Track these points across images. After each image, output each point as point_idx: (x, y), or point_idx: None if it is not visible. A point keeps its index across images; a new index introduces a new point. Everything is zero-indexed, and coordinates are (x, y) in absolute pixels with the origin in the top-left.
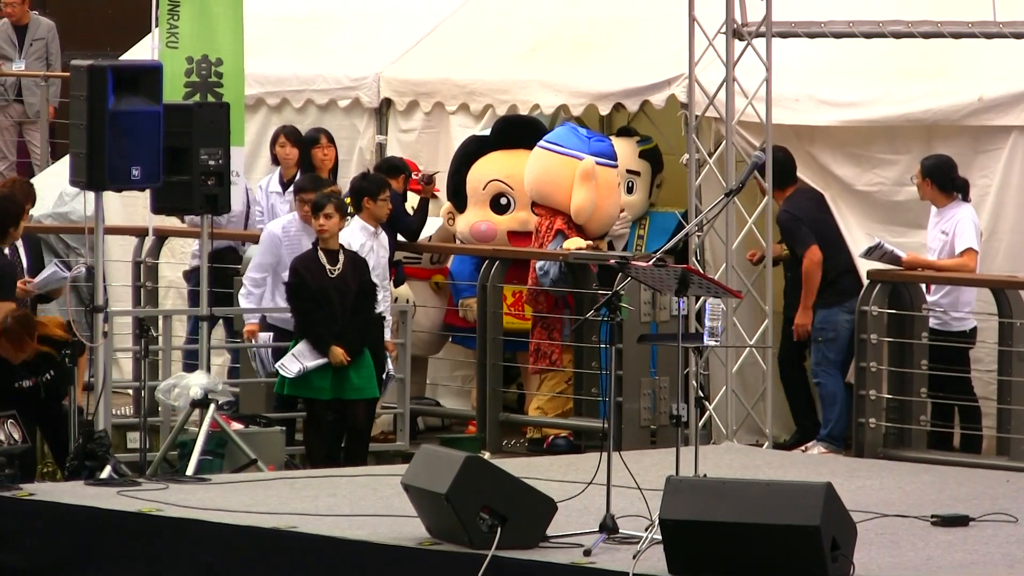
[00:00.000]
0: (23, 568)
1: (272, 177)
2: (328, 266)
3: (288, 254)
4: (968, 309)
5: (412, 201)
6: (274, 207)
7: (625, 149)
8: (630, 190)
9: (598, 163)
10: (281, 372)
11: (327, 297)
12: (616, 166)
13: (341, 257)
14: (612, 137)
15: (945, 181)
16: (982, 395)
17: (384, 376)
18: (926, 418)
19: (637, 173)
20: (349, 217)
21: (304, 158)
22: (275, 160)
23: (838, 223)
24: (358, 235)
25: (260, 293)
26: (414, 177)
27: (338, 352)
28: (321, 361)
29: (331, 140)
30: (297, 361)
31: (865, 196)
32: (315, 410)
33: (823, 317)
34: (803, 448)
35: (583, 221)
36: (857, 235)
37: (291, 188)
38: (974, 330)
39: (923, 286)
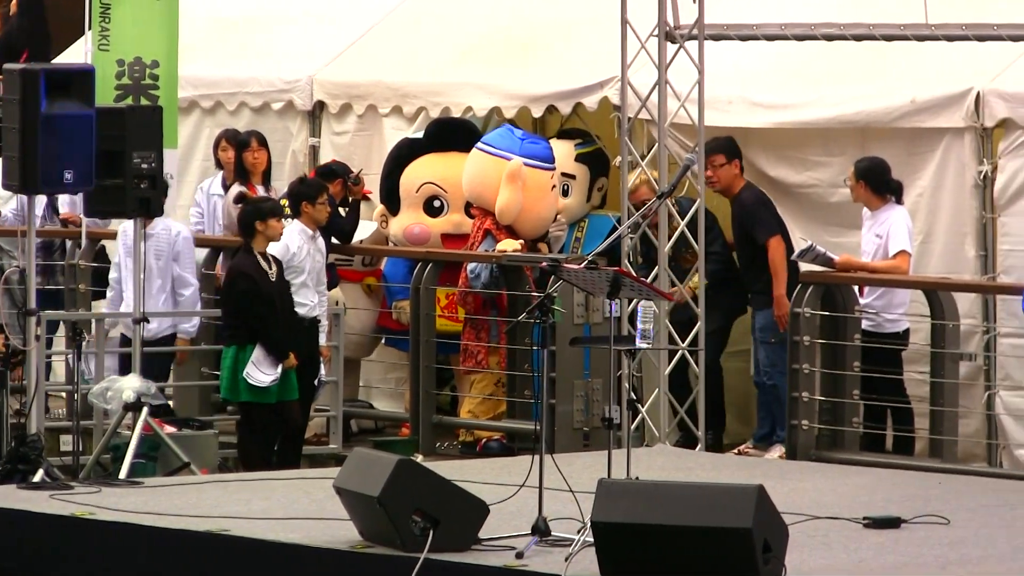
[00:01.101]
0: None
1: (214, 180)
2: (268, 270)
3: None
4: (901, 311)
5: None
6: (215, 209)
7: (562, 152)
8: (565, 193)
9: (528, 164)
10: (251, 383)
11: (272, 301)
12: (552, 169)
13: (272, 260)
14: (552, 139)
15: (879, 183)
16: (915, 396)
17: (316, 382)
18: (859, 420)
19: (573, 176)
20: (287, 220)
21: (236, 161)
22: (219, 164)
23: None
24: (296, 238)
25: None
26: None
27: (292, 357)
28: (281, 366)
29: (262, 143)
30: (260, 371)
31: (799, 198)
32: (257, 414)
33: (772, 318)
34: (766, 452)
35: (508, 221)
36: (792, 237)
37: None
38: (907, 332)
39: (856, 288)
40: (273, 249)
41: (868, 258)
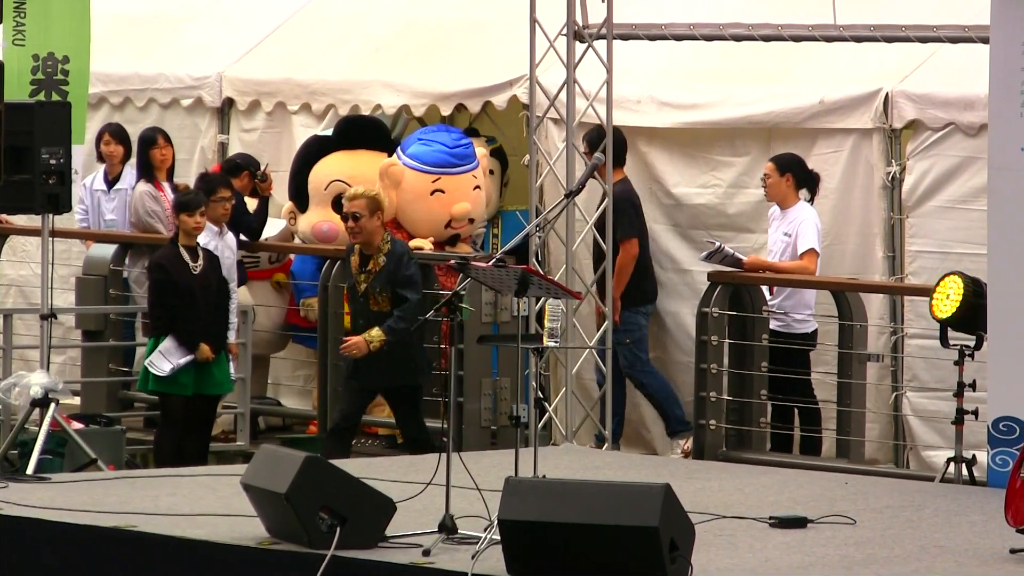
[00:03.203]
0: None
1: (96, 175)
2: (191, 263)
3: None
4: (809, 311)
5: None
6: (100, 205)
7: (478, 150)
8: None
9: (406, 164)
10: (152, 371)
11: (191, 293)
12: (434, 173)
13: (200, 254)
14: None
15: (803, 176)
16: (823, 398)
17: None
18: (766, 420)
19: (491, 172)
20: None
21: (142, 158)
22: (101, 158)
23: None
24: (202, 236)
25: None
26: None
27: (206, 348)
28: (189, 358)
29: (168, 140)
30: (165, 359)
31: (700, 197)
32: (173, 407)
33: (627, 318)
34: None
35: None
36: (692, 239)
37: (116, 186)
38: (815, 332)
39: (765, 288)
40: None
41: (775, 257)
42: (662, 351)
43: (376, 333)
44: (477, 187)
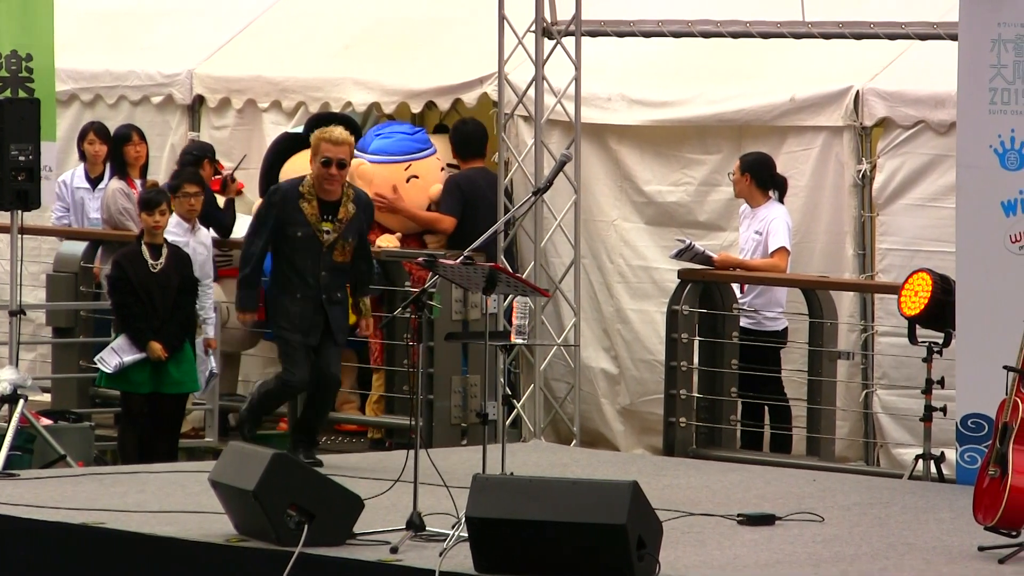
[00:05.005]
0: None
1: (76, 172)
2: (151, 260)
3: None
4: (780, 309)
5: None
6: (84, 202)
7: (443, 145)
8: None
9: (374, 161)
10: (99, 366)
11: (148, 291)
12: (401, 160)
13: (164, 252)
14: (431, 134)
15: (765, 178)
16: (794, 396)
17: (208, 374)
18: (736, 417)
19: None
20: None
21: (115, 155)
22: (83, 156)
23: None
24: (171, 232)
25: None
26: (215, 177)
27: (156, 347)
28: (139, 356)
29: (142, 137)
30: (115, 355)
31: (671, 195)
32: (132, 405)
33: None
34: None
35: None
36: (663, 237)
37: (100, 185)
38: (785, 330)
39: (735, 286)
40: None
41: (746, 255)
42: (627, 348)
43: (367, 306)
44: (443, 168)
